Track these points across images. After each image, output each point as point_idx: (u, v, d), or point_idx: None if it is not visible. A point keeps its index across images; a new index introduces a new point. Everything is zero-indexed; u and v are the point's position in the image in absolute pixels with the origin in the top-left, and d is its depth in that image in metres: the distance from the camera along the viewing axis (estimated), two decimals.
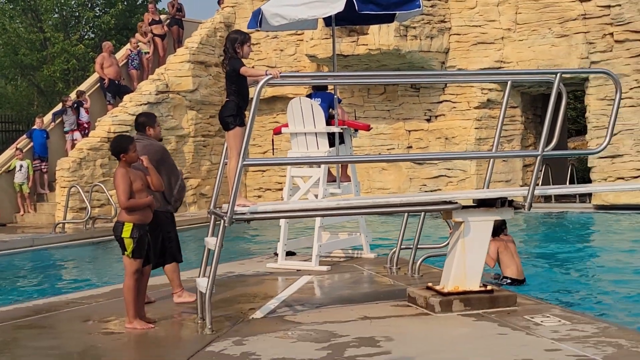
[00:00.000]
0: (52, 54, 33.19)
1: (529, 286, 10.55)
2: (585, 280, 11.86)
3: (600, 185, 18.86)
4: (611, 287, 11.10)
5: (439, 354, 6.14)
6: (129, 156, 7.44)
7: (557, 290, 10.81)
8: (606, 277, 11.84)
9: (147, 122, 8.75)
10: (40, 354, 6.66)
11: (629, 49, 20.15)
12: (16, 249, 16.37)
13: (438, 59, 22.37)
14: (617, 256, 13.72)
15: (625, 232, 16.94)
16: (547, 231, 18.30)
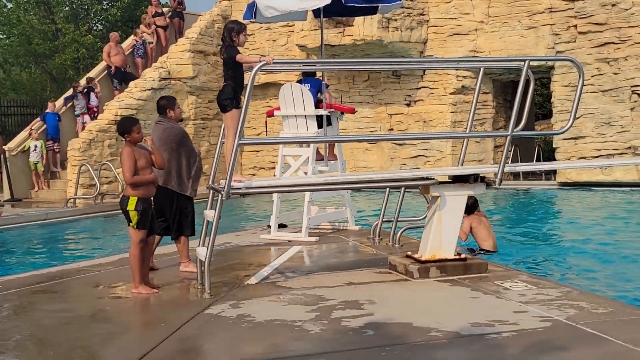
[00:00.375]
0: (63, 43, 33.00)
1: (499, 255, 10.59)
2: (550, 249, 11.92)
3: (564, 162, 18.92)
4: (573, 255, 11.16)
5: (418, 316, 6.16)
6: (132, 137, 7.42)
7: (525, 259, 10.85)
8: (568, 247, 11.90)
9: (167, 105, 8.71)
10: (54, 316, 6.66)
11: (591, 39, 20.16)
12: (31, 221, 16.34)
13: (417, 48, 22.34)
14: (578, 228, 13.79)
15: (586, 206, 17.01)
16: (515, 206, 18.36)
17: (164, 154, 8.22)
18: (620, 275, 9.71)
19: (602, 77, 20.04)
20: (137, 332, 6.19)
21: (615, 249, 11.47)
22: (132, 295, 7.42)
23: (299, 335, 5.75)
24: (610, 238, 12.41)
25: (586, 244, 11.95)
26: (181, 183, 8.54)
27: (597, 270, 10.07)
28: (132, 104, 21.52)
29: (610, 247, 11.59)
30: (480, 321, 5.92)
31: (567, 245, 12.03)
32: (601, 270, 10.05)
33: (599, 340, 5.32)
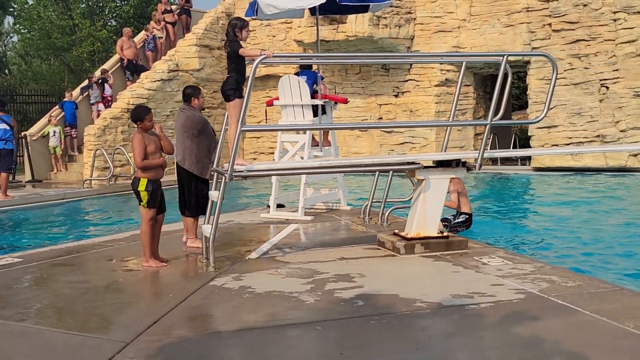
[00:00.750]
0: (80, 38, 32.85)
1: (478, 233, 10.61)
2: (525, 228, 11.94)
3: (539, 149, 18.92)
4: (545, 233, 11.17)
5: (404, 288, 6.17)
6: (144, 124, 7.43)
7: (502, 237, 10.87)
8: (541, 226, 11.91)
9: (192, 94, 8.74)
10: (72, 287, 6.66)
11: (564, 37, 20.13)
12: (51, 201, 16.31)
13: (405, 44, 22.28)
14: (550, 209, 13.81)
15: (558, 189, 17.04)
16: (493, 189, 18.38)
17: (185, 140, 8.29)
18: (588, 251, 9.73)
19: (573, 71, 20.03)
20: (148, 302, 6.19)
21: (584, 227, 11.49)
22: (143, 268, 7.42)
23: (295, 305, 5.75)
24: (580, 218, 12.44)
25: (558, 223, 11.98)
26: (200, 167, 8.54)
27: (568, 246, 10.09)
28: (143, 93, 21.47)
29: (580, 226, 11.62)
30: (461, 293, 5.94)
31: (540, 224, 12.05)
32: (571, 246, 10.07)
33: (568, 310, 5.34)
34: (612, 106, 19.44)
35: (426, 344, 4.74)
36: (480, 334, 4.89)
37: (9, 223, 13.89)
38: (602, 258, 9.24)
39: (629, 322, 4.94)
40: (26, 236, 12.28)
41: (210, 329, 5.26)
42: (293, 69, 21.19)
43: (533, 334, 4.81)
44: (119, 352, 4.69)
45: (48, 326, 5.39)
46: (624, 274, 8.29)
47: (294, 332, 5.10)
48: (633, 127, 19.08)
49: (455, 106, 9.04)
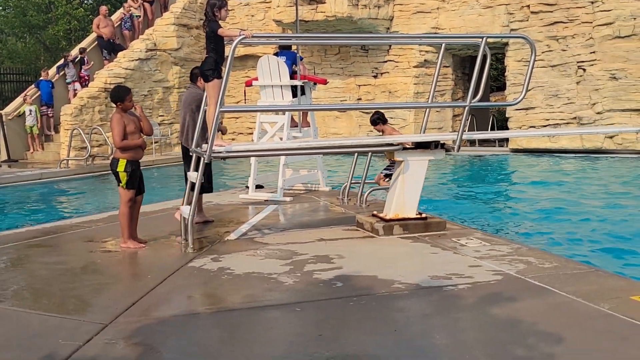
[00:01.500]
0: (56, 15, 32.43)
1: (456, 215, 10.66)
2: (502, 209, 12.02)
3: (517, 131, 19.02)
4: (523, 215, 11.26)
5: (382, 269, 6.19)
6: (124, 104, 7.36)
7: (479, 218, 10.93)
8: (518, 207, 12.00)
9: (198, 74, 8.72)
10: (48, 268, 6.61)
11: (542, 19, 20.19)
12: (27, 181, 16.16)
13: (384, 25, 22.23)
14: (528, 189, 13.91)
15: (535, 170, 17.16)
16: (471, 170, 18.47)
17: (185, 116, 8.54)
18: (564, 232, 9.82)
19: (551, 53, 20.12)
20: (126, 283, 6.16)
21: (561, 208, 11.59)
22: (121, 249, 7.37)
23: (274, 286, 5.76)
24: (557, 199, 12.54)
25: (535, 205, 12.07)
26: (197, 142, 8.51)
27: (545, 228, 10.17)
28: (121, 72, 21.27)
29: (556, 207, 11.71)
30: (439, 274, 5.97)
31: (517, 206, 12.14)
32: (548, 228, 10.16)
33: (545, 291, 5.39)
34: (589, 88, 19.56)
35: (404, 325, 4.77)
36: (458, 315, 4.92)
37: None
38: (578, 239, 9.33)
39: (604, 303, 5.00)
40: (1, 217, 12.15)
41: (189, 311, 5.25)
42: (272, 49, 21.04)
43: (510, 315, 4.85)
44: (97, 333, 4.67)
45: (25, 308, 5.35)
46: (600, 255, 8.38)
47: (273, 313, 5.11)
48: (609, 109, 19.23)
49: (434, 87, 9.02)
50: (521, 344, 4.28)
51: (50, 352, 4.34)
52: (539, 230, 9.97)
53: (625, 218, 10.64)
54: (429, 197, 11.23)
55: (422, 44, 21.49)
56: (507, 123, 21.26)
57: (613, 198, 12.44)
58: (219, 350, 4.40)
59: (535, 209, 11.64)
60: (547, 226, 10.29)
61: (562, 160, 18.79)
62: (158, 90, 22.48)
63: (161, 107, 22.81)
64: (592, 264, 7.01)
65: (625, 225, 10.10)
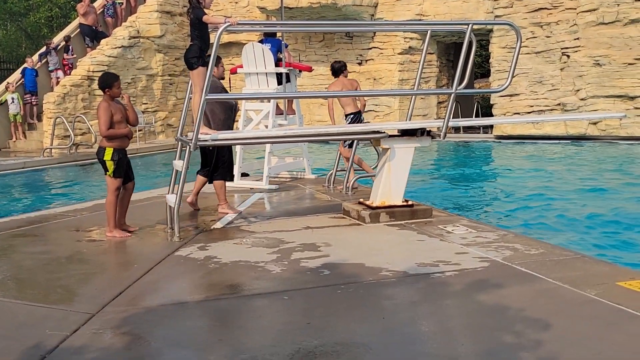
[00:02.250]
0: (38, 2, 32.11)
1: (442, 202, 10.69)
2: (488, 196, 12.08)
3: (501, 118, 19.09)
4: (509, 201, 11.31)
5: (369, 257, 6.20)
6: (112, 91, 7.31)
7: (465, 205, 10.97)
8: (505, 194, 12.05)
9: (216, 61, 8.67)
10: (34, 258, 6.56)
11: (527, 5, 20.24)
12: (10, 170, 16.04)
13: (368, 12, 22.18)
14: (512, 176, 13.96)
15: (519, 157, 17.23)
16: (456, 157, 18.52)
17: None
18: (550, 218, 9.88)
19: (535, 39, 20.17)
20: (113, 272, 6.13)
21: (546, 195, 11.65)
22: (107, 238, 7.34)
23: (261, 274, 5.75)
24: (542, 185, 12.60)
25: (520, 191, 12.12)
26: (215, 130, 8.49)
27: (531, 214, 10.23)
28: (104, 60, 21.12)
29: (542, 194, 11.77)
30: (426, 261, 5.98)
31: (503, 192, 12.19)
32: (534, 214, 10.21)
33: (531, 278, 5.41)
34: (573, 75, 19.64)
35: (392, 313, 4.78)
36: (445, 302, 4.94)
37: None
38: (564, 225, 9.39)
39: (590, 289, 5.03)
40: None
41: (176, 300, 5.23)
42: (256, 36, 21.00)
43: (497, 301, 4.87)
44: (85, 323, 4.64)
45: (10, 298, 5.31)
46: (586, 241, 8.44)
47: (260, 302, 5.10)
48: (593, 96, 19.32)
49: (420, 75, 9.03)
50: (508, 331, 4.31)
51: (37, 342, 4.31)
52: (525, 217, 10.02)
53: (610, 204, 10.72)
54: (415, 185, 11.23)
55: (407, 30, 21.49)
56: (491, 110, 21.32)
57: (597, 184, 12.52)
58: (207, 340, 4.39)
59: (521, 195, 11.70)
60: (532, 212, 10.35)
61: (547, 146, 18.87)
62: (142, 78, 22.35)
63: (145, 95, 22.67)
64: (578, 250, 7.05)
65: (610, 211, 10.18)
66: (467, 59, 7.97)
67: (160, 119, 23.10)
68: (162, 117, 23.21)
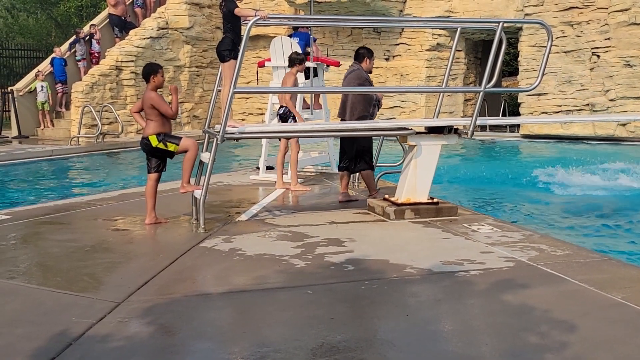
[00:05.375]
0: None
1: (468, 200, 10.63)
2: (514, 196, 11.97)
3: (529, 117, 18.94)
4: (535, 201, 11.22)
5: (394, 253, 6.20)
6: (157, 79, 7.40)
7: (491, 204, 10.91)
8: (531, 194, 11.96)
9: (365, 54, 8.88)
10: (60, 246, 6.64)
11: (557, 4, 20.03)
12: (38, 157, 16.20)
13: (397, 7, 22.09)
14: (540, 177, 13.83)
15: (547, 157, 17.08)
16: (482, 155, 18.41)
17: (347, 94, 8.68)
18: (577, 220, 9.79)
19: (565, 39, 19.97)
20: (138, 262, 6.16)
21: (573, 195, 11.54)
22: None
23: (285, 268, 5.77)
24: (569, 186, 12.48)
25: (547, 191, 12.02)
26: (357, 119, 8.57)
27: (557, 214, 10.15)
28: (132, 51, 21.25)
29: (568, 194, 11.67)
30: (450, 260, 5.97)
31: (529, 192, 12.09)
32: (561, 215, 10.13)
33: (557, 279, 5.38)
34: (603, 75, 19.43)
35: (416, 310, 4.78)
36: (470, 301, 4.93)
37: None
38: (591, 227, 9.30)
39: (617, 292, 4.99)
40: (13, 193, 12.21)
41: (200, 291, 5.27)
42: (284, 29, 21.01)
43: (522, 302, 4.85)
44: (110, 312, 4.69)
45: (37, 285, 5.38)
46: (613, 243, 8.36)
47: (284, 295, 5.12)
48: (622, 97, 19.11)
49: (448, 72, 9.02)
50: (533, 332, 4.28)
51: (63, 329, 4.36)
52: (551, 217, 9.94)
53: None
54: (440, 182, 11.19)
55: (436, 27, 21.35)
56: (518, 108, 21.15)
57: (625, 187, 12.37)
58: (230, 331, 4.42)
59: (547, 196, 11.60)
60: (559, 213, 10.26)
61: (574, 146, 18.70)
62: (169, 69, 22.45)
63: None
64: (605, 252, 6.99)
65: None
66: (497, 57, 7.93)
67: (186, 110, 23.21)
68: (188, 109, 23.32)
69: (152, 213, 7.61)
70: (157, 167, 7.65)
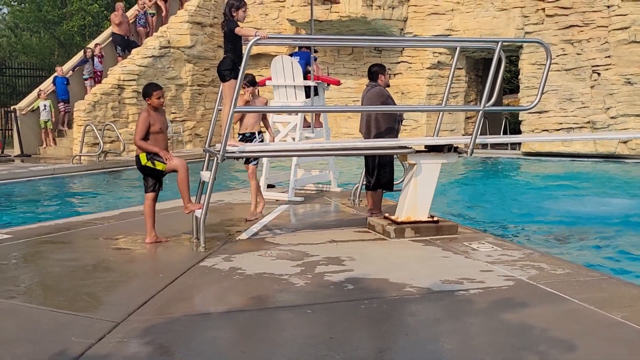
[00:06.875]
0: (71, 11, 32.58)
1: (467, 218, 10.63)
2: (514, 214, 11.95)
3: (530, 136, 18.95)
4: (534, 219, 11.20)
5: (394, 272, 6.19)
6: (152, 101, 7.45)
7: (491, 222, 10.90)
8: (531, 212, 11.93)
9: (379, 71, 8.87)
10: (61, 265, 6.64)
11: (558, 22, 20.11)
12: (40, 176, 16.22)
13: (398, 26, 22.21)
14: (540, 194, 13.83)
15: (547, 175, 17.08)
16: (482, 173, 18.41)
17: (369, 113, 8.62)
18: (577, 238, 9.77)
19: (566, 57, 20.03)
20: (138, 281, 6.16)
21: (574, 214, 11.53)
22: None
23: (285, 287, 5.77)
24: (570, 204, 12.47)
25: (547, 210, 12.00)
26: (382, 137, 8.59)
27: (557, 233, 10.13)
28: (134, 69, 21.34)
29: (569, 213, 11.65)
30: (450, 278, 5.96)
31: (529, 210, 12.07)
32: (561, 233, 10.11)
33: (557, 298, 5.37)
34: (603, 93, 19.47)
35: (415, 329, 4.77)
36: (469, 320, 4.92)
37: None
38: (591, 246, 9.28)
39: (617, 311, 4.98)
40: (15, 211, 12.22)
41: (200, 310, 5.27)
42: (285, 48, 21.09)
43: (522, 321, 4.84)
44: (110, 331, 4.69)
45: (37, 304, 5.38)
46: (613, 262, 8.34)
47: (283, 314, 5.12)
48: (623, 114, 19.14)
49: (448, 91, 9.06)
50: (533, 351, 4.27)
51: (62, 349, 4.36)
52: (551, 236, 9.92)
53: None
54: (440, 200, 11.19)
55: (436, 46, 21.47)
56: (519, 126, 21.18)
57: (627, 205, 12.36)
58: (230, 352, 4.41)
59: (548, 214, 11.58)
60: (558, 231, 10.25)
61: (575, 164, 18.70)
62: (171, 88, 22.56)
63: (174, 105, 22.86)
64: (605, 271, 6.98)
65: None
66: (496, 76, 7.97)
67: (188, 128, 23.29)
68: (190, 127, 23.39)
69: (152, 232, 7.62)
70: (153, 186, 7.69)
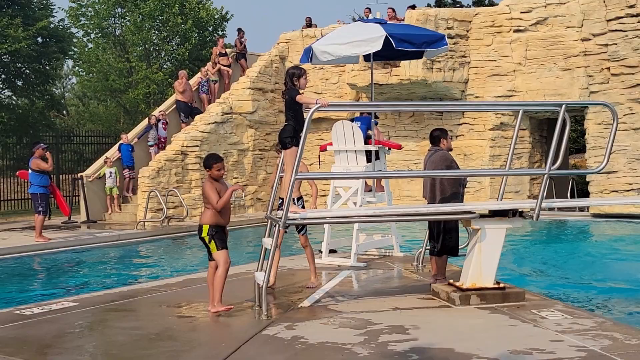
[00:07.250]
0: (136, 80, 33.64)
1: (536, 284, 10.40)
2: (585, 279, 11.65)
3: (598, 199, 18.55)
4: (606, 285, 10.90)
5: (460, 341, 6.09)
6: (212, 172, 7.62)
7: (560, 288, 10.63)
8: (602, 277, 11.62)
9: (441, 135, 9.06)
10: (125, 333, 6.74)
11: (624, 81, 19.87)
12: (105, 242, 16.56)
13: (459, 88, 22.26)
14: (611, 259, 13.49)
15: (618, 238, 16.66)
16: (550, 236, 18.06)
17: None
18: None
19: (633, 116, 19.71)
20: (201, 350, 6.20)
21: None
22: (210, 314, 7.51)
23: (348, 357, 5.72)
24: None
25: (619, 275, 11.68)
26: (447, 201, 8.67)
27: (631, 300, 9.82)
28: (197, 136, 21.81)
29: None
30: (519, 349, 5.83)
31: (601, 276, 11.76)
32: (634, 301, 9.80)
33: None
34: None
35: None
36: None
37: (66, 264, 14.14)
38: None
39: None
40: (81, 279, 12.47)
41: None
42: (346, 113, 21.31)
43: None
44: None
45: None
46: None
47: None
48: None
49: (512, 153, 9.00)
50: None
51: None
52: (625, 303, 9.62)
53: None
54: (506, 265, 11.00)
55: (498, 110, 21.36)
56: (587, 187, 20.81)
57: None
58: None
59: (620, 279, 11.26)
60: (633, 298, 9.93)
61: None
62: (233, 153, 22.96)
63: (236, 169, 23.23)
64: None
65: None
66: (561, 138, 7.90)
67: (250, 192, 23.57)
68: (252, 191, 23.68)
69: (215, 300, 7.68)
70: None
